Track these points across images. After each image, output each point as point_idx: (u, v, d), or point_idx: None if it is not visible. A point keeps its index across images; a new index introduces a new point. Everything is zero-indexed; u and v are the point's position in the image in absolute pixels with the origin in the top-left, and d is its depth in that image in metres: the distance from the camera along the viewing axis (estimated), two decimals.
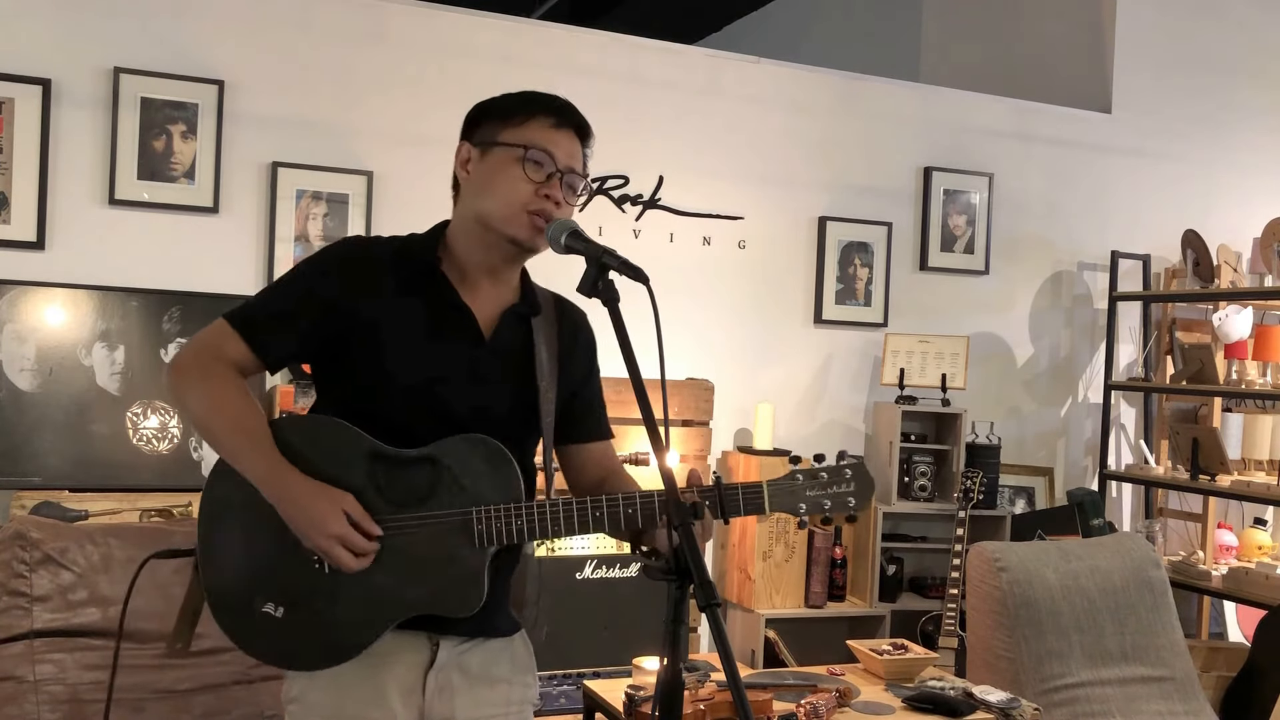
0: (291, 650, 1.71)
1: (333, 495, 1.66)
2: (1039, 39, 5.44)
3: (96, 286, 3.44)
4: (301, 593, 1.69)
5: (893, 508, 4.27)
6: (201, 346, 1.73)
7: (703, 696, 2.69)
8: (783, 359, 4.43)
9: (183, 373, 1.72)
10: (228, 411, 1.69)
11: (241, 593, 1.71)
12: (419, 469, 1.71)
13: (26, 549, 2.70)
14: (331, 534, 1.63)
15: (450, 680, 1.77)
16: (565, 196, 1.76)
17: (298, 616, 1.69)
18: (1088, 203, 4.99)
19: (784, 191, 4.42)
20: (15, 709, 2.52)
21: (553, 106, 1.79)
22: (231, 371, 1.71)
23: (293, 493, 1.65)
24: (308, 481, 1.66)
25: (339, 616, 1.69)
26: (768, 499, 1.72)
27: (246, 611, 1.70)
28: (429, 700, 1.76)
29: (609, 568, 3.68)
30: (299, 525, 1.65)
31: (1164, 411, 5.06)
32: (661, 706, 1.49)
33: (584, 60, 4.11)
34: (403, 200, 3.81)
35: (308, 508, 1.64)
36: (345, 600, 1.69)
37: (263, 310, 1.76)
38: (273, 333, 1.74)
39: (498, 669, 1.82)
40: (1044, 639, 3.37)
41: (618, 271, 1.61)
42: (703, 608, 1.38)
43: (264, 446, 1.67)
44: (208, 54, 3.61)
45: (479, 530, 1.69)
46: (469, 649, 1.79)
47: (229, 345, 1.72)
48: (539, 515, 1.70)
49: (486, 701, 1.80)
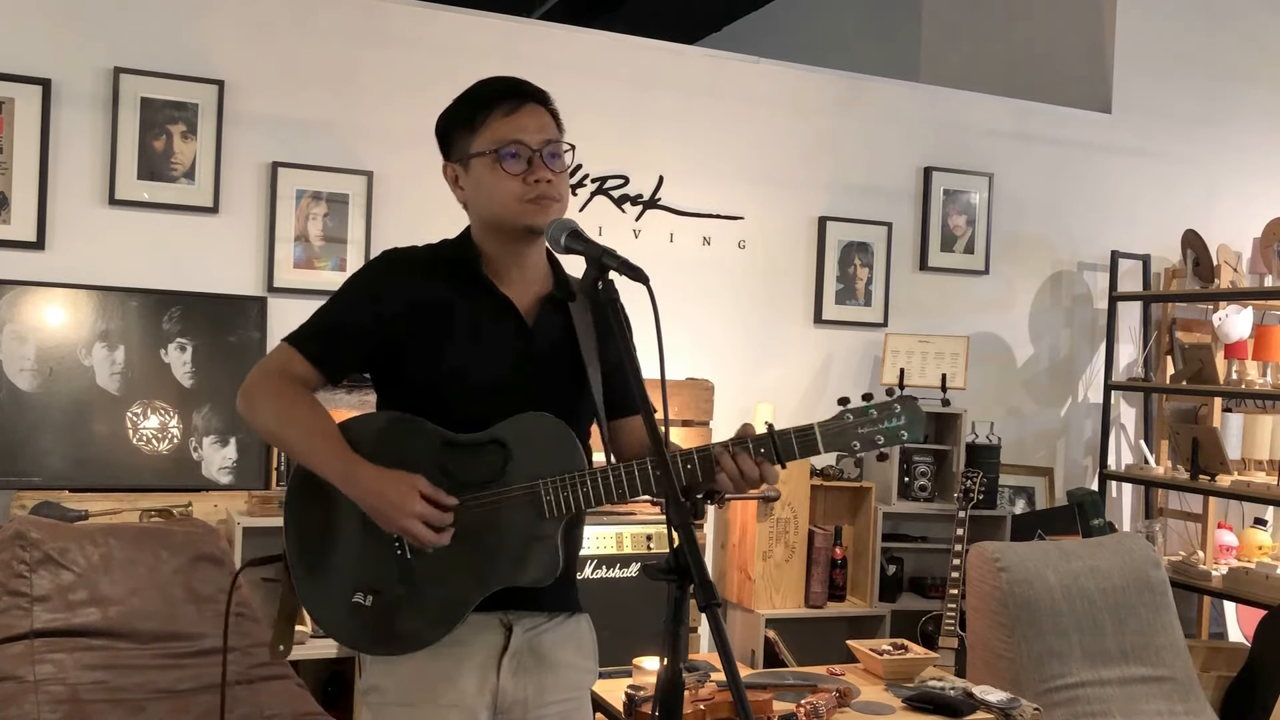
0: (384, 637, 1.76)
1: (404, 477, 1.71)
2: (1039, 39, 5.44)
3: (96, 286, 3.44)
4: (387, 579, 1.75)
5: (893, 508, 4.27)
6: (267, 369, 1.81)
7: (703, 696, 2.69)
8: (783, 359, 4.43)
9: (253, 394, 1.80)
10: (298, 420, 1.76)
11: (332, 589, 1.77)
12: (485, 451, 1.77)
13: (26, 549, 2.70)
14: (410, 512, 1.69)
15: (523, 664, 1.81)
16: (553, 168, 1.80)
17: (386, 603, 1.75)
18: (1088, 203, 4.99)
19: (784, 191, 4.42)
20: (15, 709, 2.52)
21: (502, 93, 1.83)
22: (298, 385, 1.79)
23: (367, 483, 1.71)
24: (380, 470, 1.72)
25: (426, 599, 1.75)
26: (820, 439, 1.75)
27: (338, 604, 1.76)
28: (503, 683, 1.80)
29: (609, 568, 3.68)
30: (378, 512, 1.71)
31: (1164, 411, 5.06)
32: (661, 706, 1.50)
33: (584, 60, 4.11)
34: (403, 200, 3.81)
35: (384, 493, 1.70)
36: (430, 582, 1.75)
37: (317, 328, 1.84)
38: (330, 347, 1.82)
39: (565, 653, 1.87)
40: (1044, 639, 3.37)
41: (618, 271, 1.62)
42: (703, 608, 1.39)
43: (336, 447, 1.74)
44: (208, 54, 3.61)
45: (548, 501, 1.75)
46: (542, 631, 1.84)
47: (292, 364, 1.80)
48: (603, 480, 1.75)
49: (555, 687, 1.85)
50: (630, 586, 3.66)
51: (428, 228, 1.95)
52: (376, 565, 1.76)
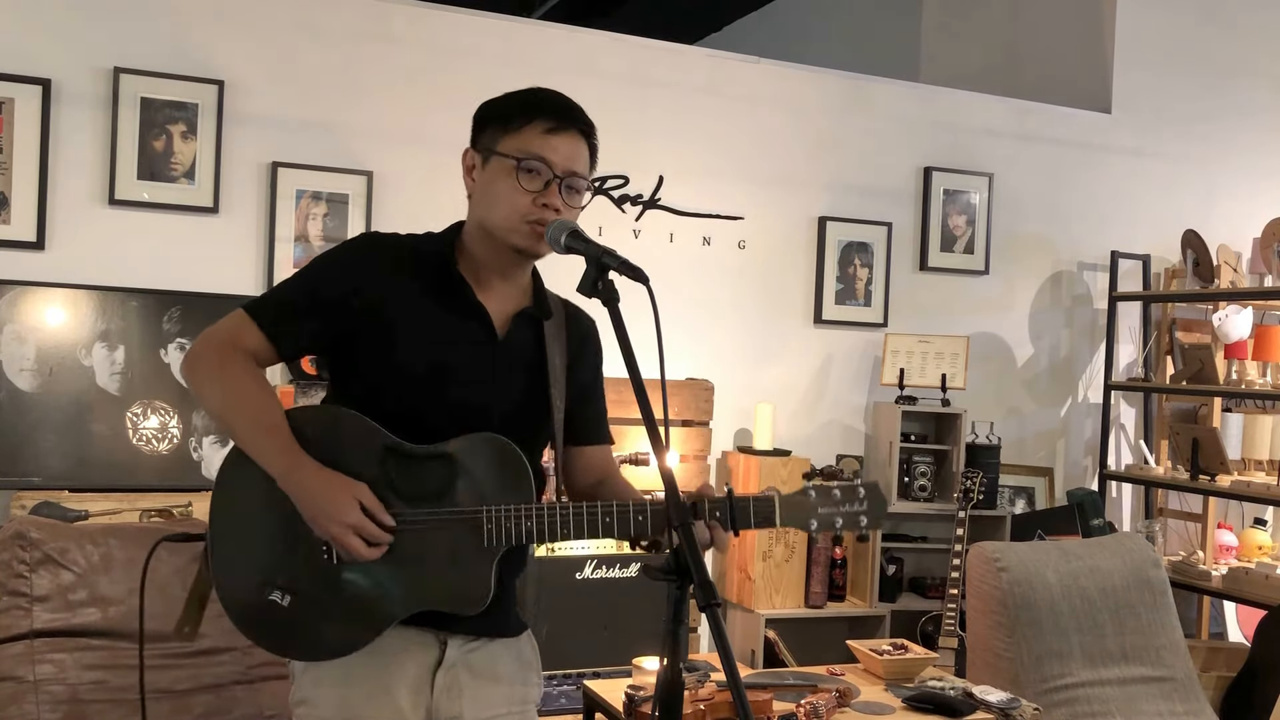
0: (294, 640, 1.72)
1: (348, 485, 1.67)
2: (1039, 39, 5.44)
3: (96, 286, 3.44)
4: (309, 582, 1.70)
5: (893, 508, 4.27)
6: (218, 336, 1.74)
7: (703, 696, 2.69)
8: (783, 359, 4.43)
9: (199, 362, 1.73)
10: (246, 401, 1.70)
11: (250, 580, 1.71)
12: (433, 465, 1.72)
13: (26, 549, 2.70)
14: (346, 522, 1.64)
15: (458, 679, 1.77)
16: (566, 199, 1.76)
17: (303, 606, 1.70)
18: (1088, 203, 4.99)
19: (784, 191, 4.42)
20: (15, 709, 2.52)
21: (550, 110, 1.78)
22: (249, 360, 1.72)
23: (308, 482, 1.66)
24: (323, 471, 1.67)
25: (344, 608, 1.70)
26: (779, 513, 1.73)
27: (254, 599, 1.70)
28: (437, 698, 1.76)
29: (609, 568, 3.68)
30: (313, 514, 1.66)
31: (1164, 411, 5.06)
32: (661, 706, 1.50)
33: (584, 60, 4.11)
34: (403, 200, 3.81)
35: (322, 497, 1.65)
36: (351, 592, 1.70)
37: (279, 301, 1.78)
38: (289, 323, 1.75)
39: (504, 667, 1.83)
40: (1044, 639, 3.37)
41: (618, 271, 1.61)
42: (703, 608, 1.38)
43: (281, 437, 1.68)
44: (208, 54, 3.61)
45: (489, 530, 1.70)
46: (476, 647, 1.80)
47: (246, 335, 1.73)
48: (548, 518, 1.71)
49: (493, 700, 1.80)
50: (630, 586, 3.66)
51: (427, 227, 1.93)
52: (299, 565, 1.70)
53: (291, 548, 1.70)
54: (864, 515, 1.75)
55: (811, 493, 1.75)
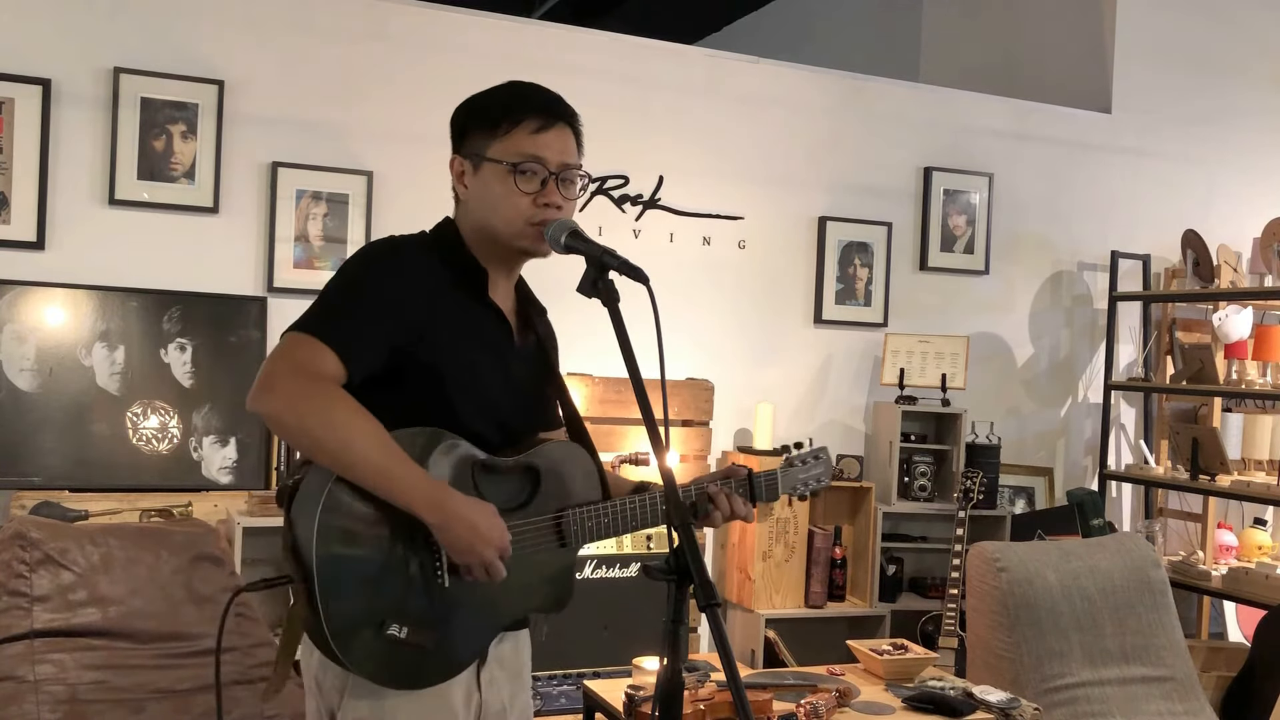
0: (415, 671, 1.66)
1: (489, 508, 1.65)
2: (1039, 39, 5.44)
3: (96, 286, 3.44)
4: (424, 610, 1.65)
5: (893, 508, 4.27)
6: (296, 370, 1.61)
7: (703, 696, 2.69)
8: (783, 359, 4.43)
9: (294, 398, 1.59)
10: (369, 436, 1.59)
11: (364, 616, 1.61)
12: (516, 476, 1.76)
13: (26, 549, 2.70)
14: (500, 546, 1.65)
15: (494, 673, 1.81)
16: (564, 193, 1.77)
17: (421, 635, 1.64)
18: (1088, 203, 4.99)
19: (784, 191, 4.42)
20: (15, 709, 2.52)
21: (535, 108, 1.77)
22: (341, 389, 1.61)
23: (463, 511, 1.62)
24: (468, 499, 1.64)
25: (456, 629, 1.69)
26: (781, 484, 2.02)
27: (370, 635, 1.61)
28: (485, 695, 1.79)
29: (609, 568, 3.68)
30: (470, 541, 1.61)
31: (1164, 411, 5.06)
32: (661, 706, 1.49)
33: (584, 60, 4.11)
34: (403, 200, 3.81)
35: (480, 523, 1.62)
36: (463, 612, 1.69)
37: (346, 320, 1.67)
38: (363, 343, 1.65)
39: (520, 658, 1.90)
40: (1044, 639, 3.37)
41: (618, 271, 1.61)
42: (703, 608, 1.38)
43: (415, 469, 1.61)
44: (208, 54, 3.61)
45: (574, 530, 1.77)
46: (502, 640, 1.83)
47: (324, 363, 1.61)
48: (619, 513, 1.81)
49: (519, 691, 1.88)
50: (630, 586, 3.66)
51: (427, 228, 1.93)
52: (415, 594, 1.64)
53: (405, 577, 1.64)
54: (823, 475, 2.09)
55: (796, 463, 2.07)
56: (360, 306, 1.67)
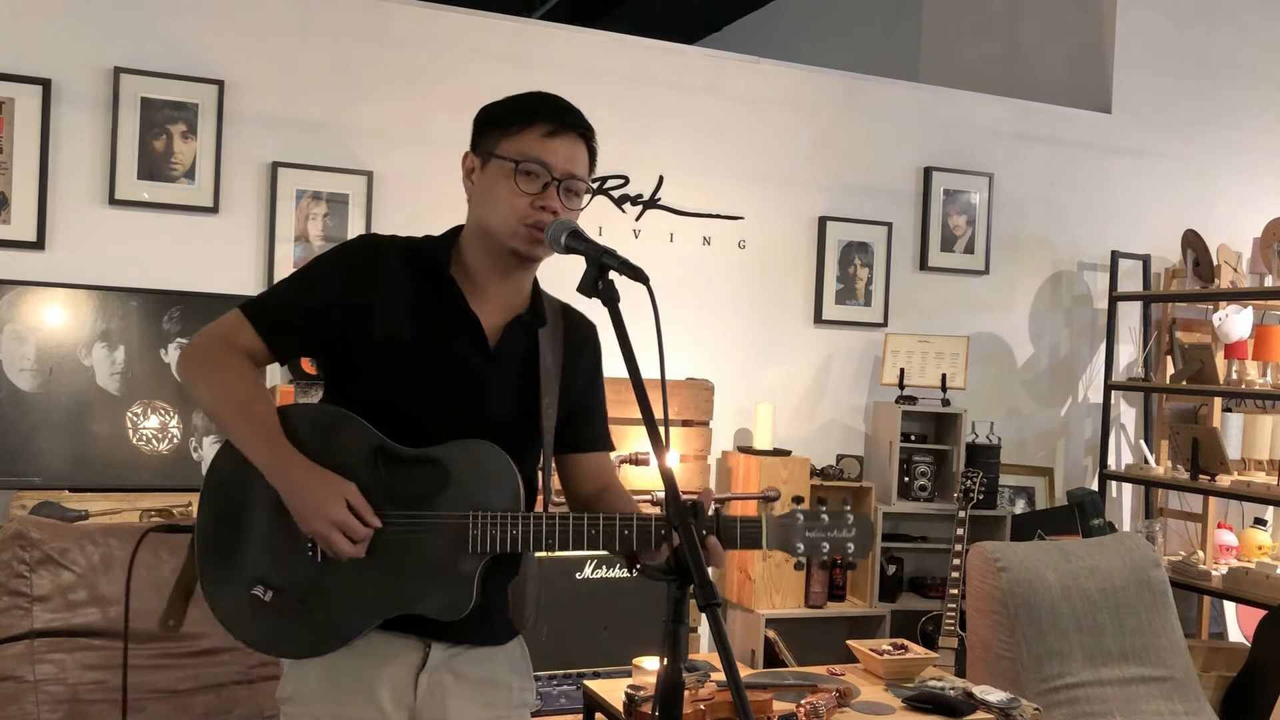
0: (273, 636, 1.72)
1: (335, 482, 1.67)
2: (1039, 39, 5.44)
3: (96, 286, 3.44)
4: (291, 580, 1.70)
5: (893, 508, 4.27)
6: (214, 335, 1.75)
7: (703, 696, 2.69)
8: (783, 359, 4.43)
9: (194, 359, 1.75)
10: (237, 396, 1.71)
11: (234, 574, 1.71)
12: (422, 469, 1.72)
13: (26, 549, 2.70)
14: (331, 519, 1.64)
15: (442, 682, 1.77)
16: (565, 202, 1.76)
17: (285, 603, 1.70)
18: (1088, 203, 4.99)
19: (784, 191, 4.42)
20: (15, 709, 2.52)
21: (549, 113, 1.77)
22: (243, 359, 1.73)
23: (297, 477, 1.66)
24: (312, 467, 1.67)
25: (326, 607, 1.70)
26: (765, 534, 1.74)
27: (237, 593, 1.70)
28: (420, 701, 1.76)
29: (609, 568, 3.67)
30: (299, 509, 1.66)
31: (1164, 411, 5.06)
32: (661, 706, 1.49)
33: (584, 60, 4.11)
34: (403, 200, 3.81)
35: (310, 492, 1.65)
36: (334, 592, 1.70)
37: (275, 301, 1.79)
38: (284, 324, 1.76)
39: (491, 671, 1.82)
40: (1044, 639, 3.37)
41: (618, 271, 1.60)
42: (703, 608, 1.38)
43: (271, 432, 1.69)
44: (208, 54, 3.61)
45: (474, 536, 1.70)
46: (459, 652, 1.79)
47: (242, 334, 1.74)
48: (535, 527, 1.71)
49: (479, 703, 1.80)
50: (630, 586, 3.66)
51: (428, 228, 1.93)
52: (284, 563, 1.70)
53: (276, 543, 1.70)
54: (851, 542, 1.77)
55: (799, 516, 1.77)
56: (295, 291, 1.79)
